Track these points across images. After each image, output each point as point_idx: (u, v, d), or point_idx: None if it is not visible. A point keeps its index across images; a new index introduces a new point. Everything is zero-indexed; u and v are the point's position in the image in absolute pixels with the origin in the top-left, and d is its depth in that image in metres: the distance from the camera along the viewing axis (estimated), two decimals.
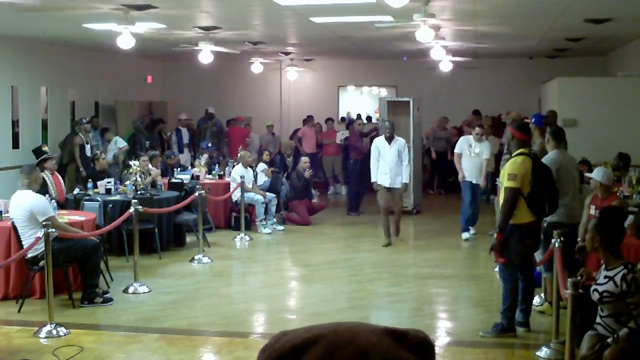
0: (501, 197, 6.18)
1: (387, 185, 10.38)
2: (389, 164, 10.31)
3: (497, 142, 13.72)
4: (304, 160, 12.74)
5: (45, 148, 10.67)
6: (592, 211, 6.95)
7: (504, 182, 6.08)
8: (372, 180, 10.50)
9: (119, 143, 13.84)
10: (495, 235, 6.16)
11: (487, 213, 11.91)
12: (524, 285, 6.33)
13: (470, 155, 10.81)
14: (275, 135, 17.15)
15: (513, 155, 6.19)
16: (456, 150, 11.08)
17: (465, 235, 10.95)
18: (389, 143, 10.38)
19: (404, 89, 17.93)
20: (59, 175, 10.36)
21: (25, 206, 7.00)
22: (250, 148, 15.21)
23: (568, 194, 6.74)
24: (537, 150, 7.46)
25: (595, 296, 4.57)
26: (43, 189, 8.37)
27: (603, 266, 4.67)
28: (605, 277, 4.57)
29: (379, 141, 10.53)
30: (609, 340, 4.46)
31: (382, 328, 1.63)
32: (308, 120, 16.71)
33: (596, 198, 7.00)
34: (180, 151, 15.78)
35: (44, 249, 6.48)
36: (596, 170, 7.04)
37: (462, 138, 11.43)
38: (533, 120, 8.37)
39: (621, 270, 4.50)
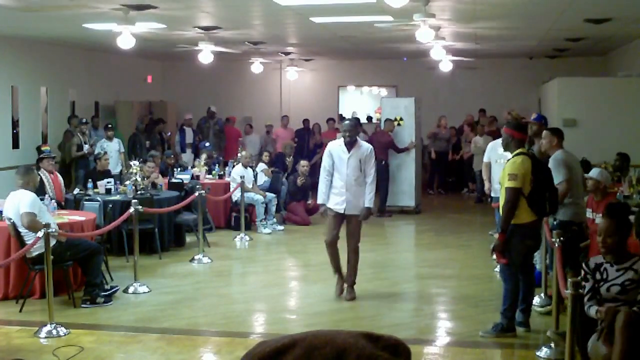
0: (501, 198, 6.18)
1: (341, 212, 7.43)
2: (346, 181, 7.36)
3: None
4: (303, 164, 12.67)
5: (44, 147, 10.63)
6: (589, 214, 6.95)
7: (505, 182, 6.08)
8: (319, 202, 7.58)
9: (121, 148, 13.75)
10: (496, 236, 6.13)
11: (487, 213, 11.90)
12: (524, 285, 6.33)
13: (499, 163, 8.25)
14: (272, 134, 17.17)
15: (512, 155, 6.19)
16: (485, 159, 8.98)
17: None
18: (349, 150, 7.41)
19: (404, 89, 17.94)
20: (58, 175, 10.32)
21: (18, 204, 7.02)
22: (248, 148, 15.19)
23: (579, 193, 6.81)
24: (542, 149, 7.36)
25: (615, 289, 4.58)
26: (40, 189, 8.37)
27: (608, 264, 4.66)
28: (618, 270, 4.58)
29: (335, 147, 7.52)
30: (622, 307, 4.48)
31: (359, 331, 1.70)
32: (282, 120, 17.19)
33: (591, 200, 7.00)
34: (183, 151, 15.79)
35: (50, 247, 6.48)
36: (596, 170, 7.05)
37: (490, 144, 9.20)
38: (542, 120, 8.24)
39: (638, 260, 4.57)
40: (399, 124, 13.54)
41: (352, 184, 7.37)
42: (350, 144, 7.43)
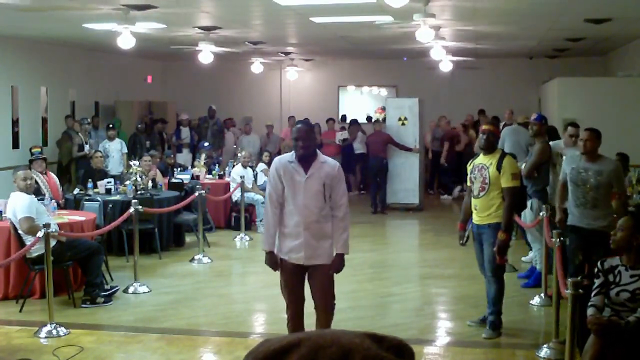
0: (491, 197, 6.12)
1: (301, 262, 5.07)
2: (304, 215, 4.98)
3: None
4: None
5: (34, 149, 10.54)
6: None
7: (507, 182, 6.03)
8: (264, 248, 5.14)
9: (123, 148, 13.72)
10: (502, 237, 6.01)
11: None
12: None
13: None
14: (272, 134, 17.17)
15: (500, 154, 6.19)
16: (561, 176, 6.77)
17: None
18: (305, 169, 5.02)
19: (404, 89, 17.94)
20: (53, 176, 10.27)
21: (14, 207, 7.06)
22: (247, 148, 15.17)
23: None
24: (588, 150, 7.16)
25: (624, 296, 4.55)
26: (35, 190, 8.36)
27: (623, 268, 4.63)
28: (632, 276, 4.56)
29: (283, 164, 5.10)
30: (623, 321, 4.46)
31: (363, 332, 1.71)
32: (289, 120, 17.20)
33: None
34: (179, 151, 15.78)
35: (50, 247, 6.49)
36: None
37: (568, 155, 7.08)
38: (543, 120, 8.18)
39: None
40: (403, 124, 13.78)
41: (314, 220, 4.98)
42: (305, 159, 5.01)
